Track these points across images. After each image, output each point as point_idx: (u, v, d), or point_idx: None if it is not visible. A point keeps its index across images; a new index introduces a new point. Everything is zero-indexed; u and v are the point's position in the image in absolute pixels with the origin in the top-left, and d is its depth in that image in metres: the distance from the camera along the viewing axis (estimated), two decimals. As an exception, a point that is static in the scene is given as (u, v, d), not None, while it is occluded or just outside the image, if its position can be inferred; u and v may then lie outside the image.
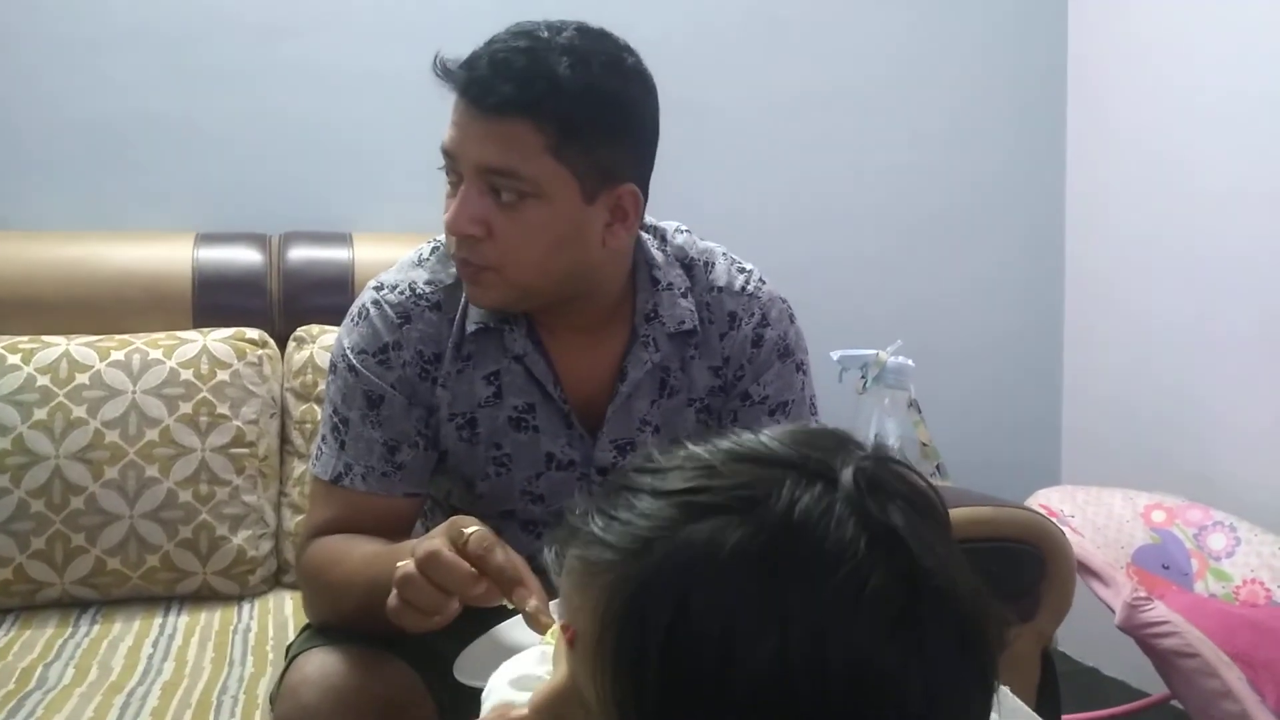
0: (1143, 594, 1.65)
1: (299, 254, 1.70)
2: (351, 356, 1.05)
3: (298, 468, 1.58)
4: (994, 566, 0.57)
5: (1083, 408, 2.25)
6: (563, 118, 0.95)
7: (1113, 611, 1.65)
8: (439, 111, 1.01)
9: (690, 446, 0.50)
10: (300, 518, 1.55)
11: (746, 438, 0.50)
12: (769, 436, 0.50)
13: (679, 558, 0.45)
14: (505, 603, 0.83)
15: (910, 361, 1.78)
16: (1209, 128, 1.95)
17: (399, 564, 0.83)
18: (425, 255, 1.11)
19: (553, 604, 0.84)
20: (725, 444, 0.50)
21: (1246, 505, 1.85)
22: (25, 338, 1.51)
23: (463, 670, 0.82)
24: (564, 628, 0.49)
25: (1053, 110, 2.21)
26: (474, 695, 0.96)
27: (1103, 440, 2.20)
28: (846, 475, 0.47)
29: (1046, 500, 1.87)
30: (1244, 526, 1.81)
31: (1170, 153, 2.02)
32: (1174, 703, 1.84)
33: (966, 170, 2.18)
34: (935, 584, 0.46)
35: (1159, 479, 1.94)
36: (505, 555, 0.82)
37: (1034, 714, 0.66)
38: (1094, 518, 1.90)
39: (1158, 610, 1.62)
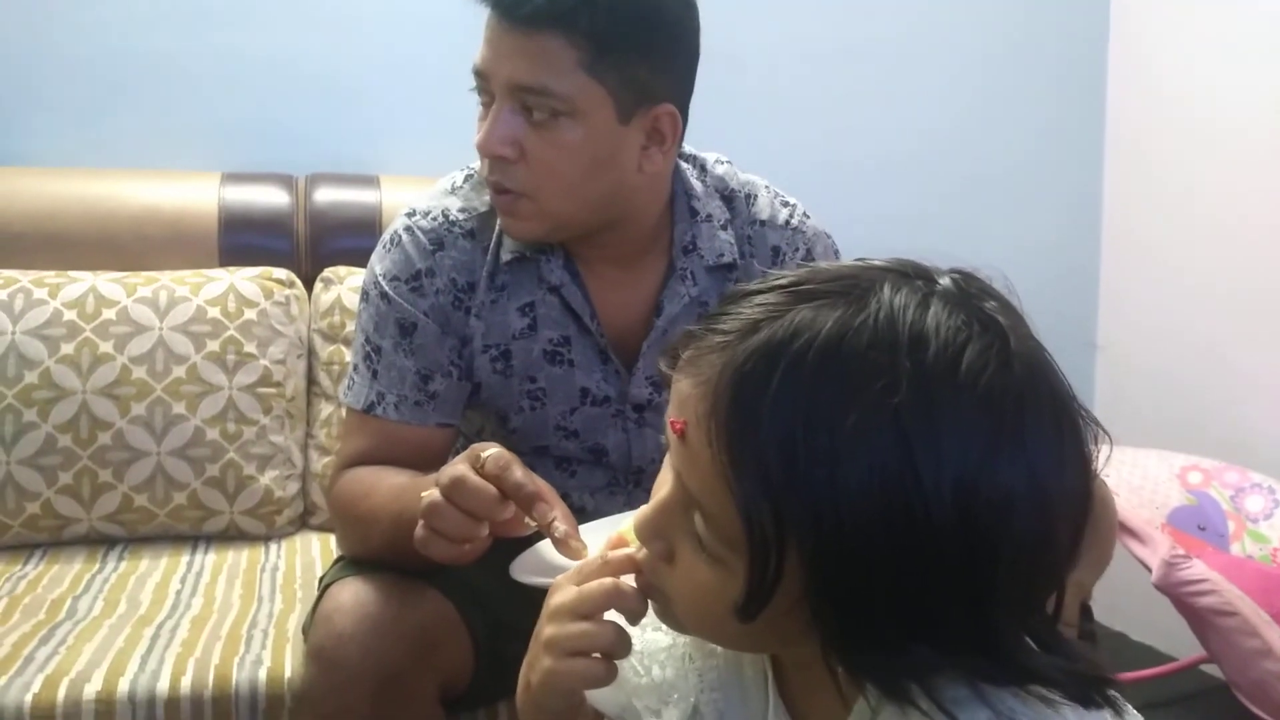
0: (1180, 552, 1.62)
1: (326, 195, 1.67)
2: (384, 283, 1.03)
3: (325, 409, 1.57)
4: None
5: (1117, 369, 2.21)
6: (597, 31, 0.92)
7: (1149, 570, 1.62)
8: (470, 51, 0.98)
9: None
10: (327, 460, 1.54)
11: (847, 260, 0.54)
12: (869, 258, 0.53)
13: (784, 332, 0.48)
14: (530, 523, 0.81)
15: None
16: (1252, 77, 1.89)
17: (424, 494, 0.82)
18: (459, 183, 1.09)
19: (582, 528, 0.82)
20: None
21: (1285, 468, 1.81)
22: (51, 272, 1.50)
23: (519, 569, 0.80)
24: (673, 423, 0.51)
25: (1093, 69, 2.15)
26: (509, 628, 0.95)
27: (1137, 402, 2.16)
28: (944, 279, 0.51)
29: (1081, 459, 1.83)
30: (1283, 489, 1.78)
31: (1210, 113, 1.96)
32: (1204, 667, 1.82)
33: (1003, 129, 2.12)
34: (1030, 363, 0.48)
35: (1195, 441, 1.90)
36: (524, 472, 0.81)
37: None
38: (1129, 478, 1.86)
39: (1196, 568, 1.59)
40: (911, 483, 0.45)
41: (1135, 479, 1.86)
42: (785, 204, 1.12)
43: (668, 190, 1.06)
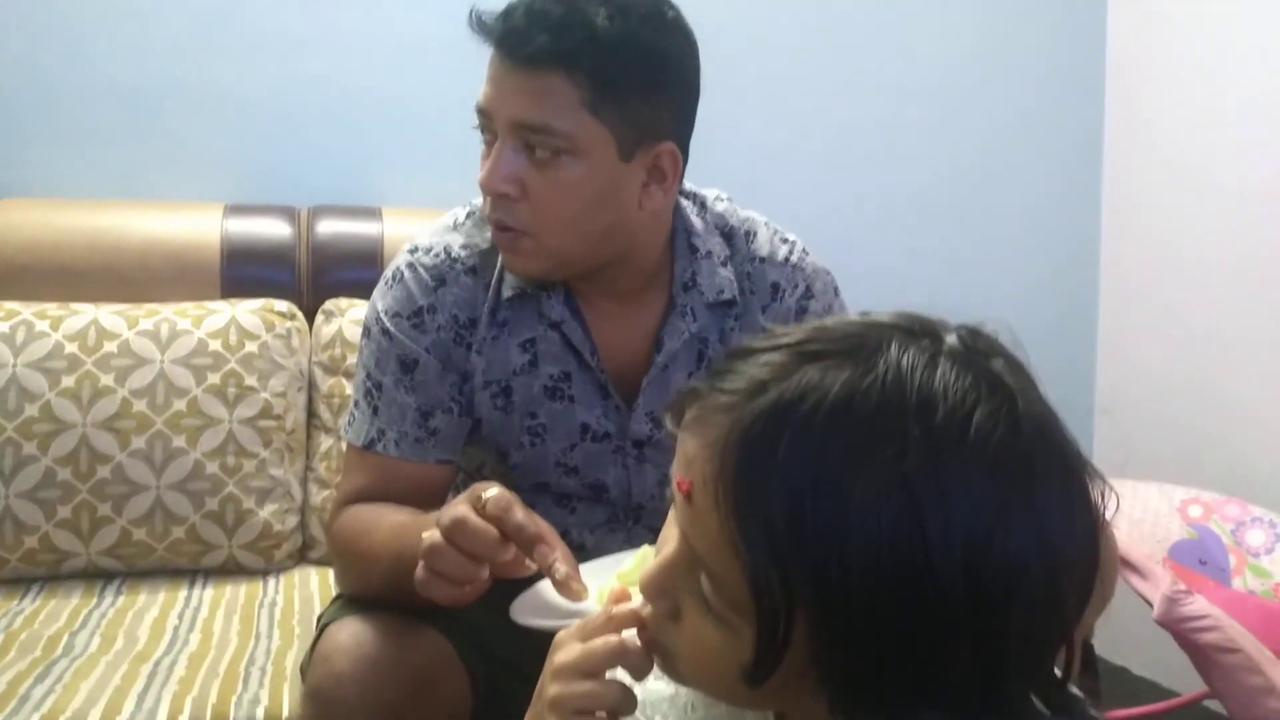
0: (1182, 587, 1.61)
1: (328, 227, 1.68)
2: (385, 320, 1.04)
3: (325, 442, 1.57)
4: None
5: (1116, 406, 2.21)
6: (599, 70, 0.92)
7: (1150, 605, 1.61)
8: (472, 85, 0.99)
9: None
10: (327, 493, 1.53)
11: (852, 314, 0.54)
12: (874, 312, 0.53)
13: (791, 395, 0.47)
14: (531, 564, 0.81)
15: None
16: (1244, 127, 1.91)
17: (424, 535, 0.81)
18: (460, 219, 1.09)
19: (583, 566, 0.82)
20: (834, 316, 0.55)
21: (1286, 502, 1.81)
22: (53, 304, 1.50)
23: (519, 610, 0.80)
24: (679, 483, 0.51)
25: (1090, 115, 2.17)
26: (508, 668, 0.95)
27: (1136, 438, 2.16)
28: (950, 336, 0.50)
29: (1081, 492, 1.83)
30: (1284, 523, 1.77)
31: (1205, 151, 1.98)
32: (1206, 703, 1.80)
33: (1005, 173, 2.14)
34: (1039, 425, 0.48)
35: (1194, 476, 1.90)
36: (525, 514, 0.80)
37: None
38: (1130, 511, 1.86)
39: (1198, 604, 1.58)
40: (921, 548, 0.45)
41: (1136, 512, 1.85)
42: (785, 241, 1.12)
43: (668, 227, 1.06)
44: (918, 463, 0.45)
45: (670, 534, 0.53)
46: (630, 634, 0.56)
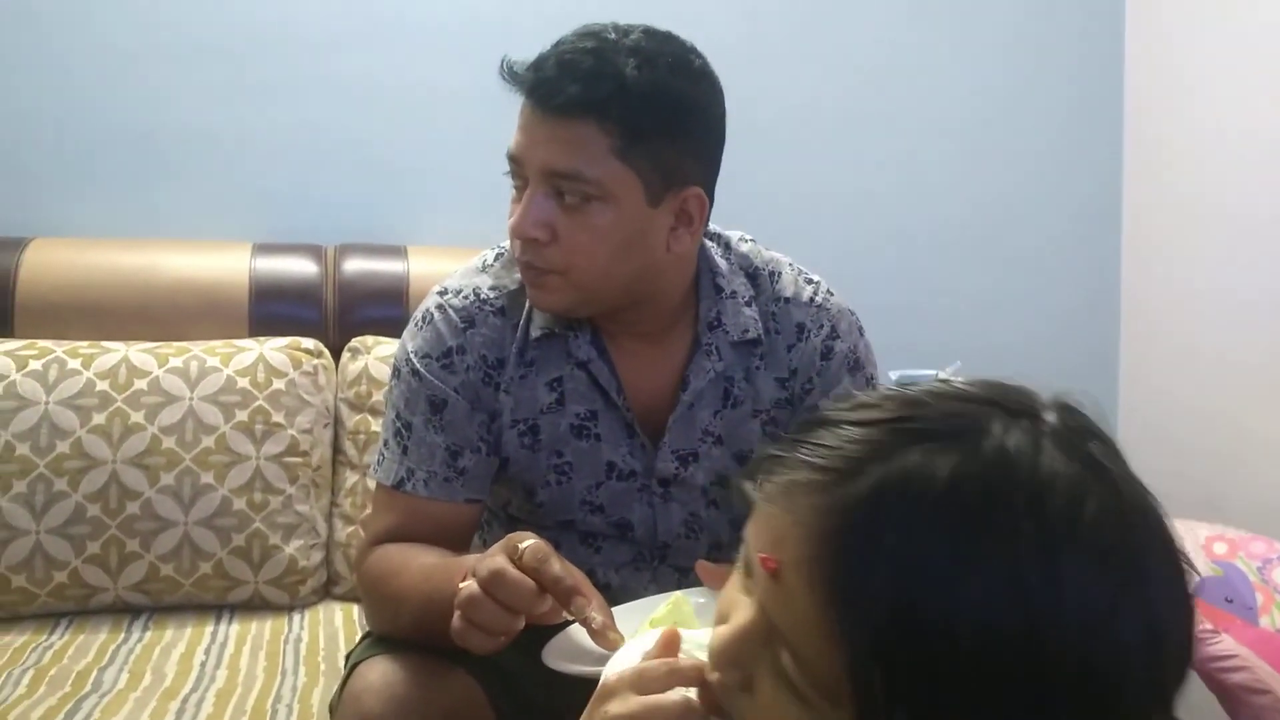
0: (1209, 627, 1.59)
1: (354, 266, 1.71)
2: (415, 360, 1.05)
3: (350, 478, 1.58)
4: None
5: (1137, 443, 2.19)
6: (629, 119, 0.94)
7: (1177, 644, 1.60)
8: (494, 126, 1.01)
9: (884, 389, 0.52)
10: (352, 529, 1.54)
11: (936, 384, 0.52)
12: (960, 381, 0.52)
13: (895, 480, 0.45)
14: (568, 616, 0.81)
15: (969, 383, 1.74)
16: (1261, 163, 1.91)
17: (461, 585, 0.82)
18: (489, 261, 1.11)
19: (615, 610, 0.82)
20: (919, 387, 0.51)
21: (1313, 539, 1.79)
22: (85, 343, 1.52)
23: (552, 655, 0.80)
24: (764, 560, 0.48)
25: (1109, 154, 2.18)
26: (536, 710, 0.95)
27: (1158, 475, 2.13)
28: (1050, 414, 0.48)
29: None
30: (1312, 560, 1.75)
31: (1223, 187, 1.99)
32: (1236, 742, 1.78)
33: (1026, 213, 2.15)
34: (1145, 516, 0.47)
35: (1219, 513, 1.89)
36: (562, 565, 0.81)
37: None
38: (1154, 548, 1.84)
39: (1225, 644, 1.57)
40: (1032, 644, 0.43)
41: (1160, 549, 1.84)
42: (809, 281, 1.13)
43: (694, 268, 1.08)
44: (1029, 557, 0.43)
45: (738, 600, 0.51)
46: (690, 690, 0.54)
